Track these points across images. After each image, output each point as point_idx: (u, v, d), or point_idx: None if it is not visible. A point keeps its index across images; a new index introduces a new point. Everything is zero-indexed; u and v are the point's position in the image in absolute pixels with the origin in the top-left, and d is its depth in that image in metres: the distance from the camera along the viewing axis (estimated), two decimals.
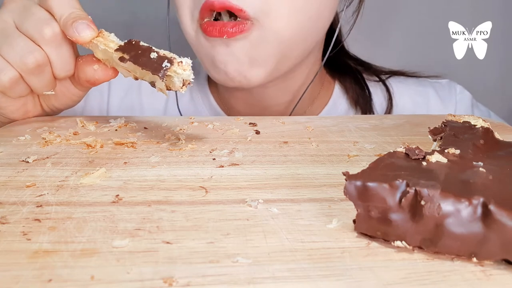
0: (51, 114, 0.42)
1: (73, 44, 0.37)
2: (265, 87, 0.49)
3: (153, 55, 0.32)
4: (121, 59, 0.33)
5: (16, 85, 0.36)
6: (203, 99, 0.57)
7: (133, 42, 0.34)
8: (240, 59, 0.43)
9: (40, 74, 0.36)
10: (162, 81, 0.31)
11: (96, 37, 0.35)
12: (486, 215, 0.19)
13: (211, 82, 0.57)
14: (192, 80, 0.32)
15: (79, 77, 0.37)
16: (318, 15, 0.45)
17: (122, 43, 0.34)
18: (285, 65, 0.46)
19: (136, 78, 0.34)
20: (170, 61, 0.31)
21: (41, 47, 0.35)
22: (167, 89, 0.32)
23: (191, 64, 0.32)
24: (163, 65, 0.31)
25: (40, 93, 0.38)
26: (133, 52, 0.33)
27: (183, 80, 0.31)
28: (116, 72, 0.37)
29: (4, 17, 0.36)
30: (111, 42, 0.35)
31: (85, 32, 0.35)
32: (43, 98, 0.40)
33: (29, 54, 0.35)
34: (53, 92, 0.38)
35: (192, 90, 0.57)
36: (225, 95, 0.55)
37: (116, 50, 0.34)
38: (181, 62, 0.31)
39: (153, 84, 0.33)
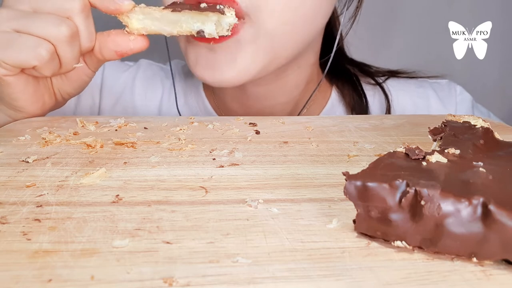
0: (61, 104, 0.43)
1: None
2: (257, 85, 0.49)
3: (203, 5, 0.38)
4: (175, 10, 0.37)
5: (53, 59, 0.36)
6: (197, 102, 0.57)
7: (178, 2, 0.39)
8: (222, 64, 0.42)
9: (73, 43, 0.37)
10: (222, 14, 0.37)
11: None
12: (486, 215, 0.19)
13: (206, 85, 0.57)
14: (237, 23, 0.38)
15: (107, 48, 0.38)
16: (312, 14, 0.44)
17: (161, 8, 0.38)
18: (273, 65, 0.45)
19: (173, 35, 0.39)
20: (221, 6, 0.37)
21: (69, 19, 0.36)
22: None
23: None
24: (217, 7, 0.37)
25: (69, 66, 0.38)
26: (184, 6, 0.38)
27: (229, 24, 0.38)
28: (148, 43, 0.39)
29: (21, 6, 0.36)
30: (150, 8, 0.38)
31: (126, 2, 0.37)
32: (57, 86, 0.41)
33: (63, 23, 0.35)
34: (82, 64, 0.40)
35: (186, 93, 0.57)
36: (220, 96, 0.54)
37: (164, 9, 0.38)
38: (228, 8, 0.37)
39: (199, 34, 0.37)
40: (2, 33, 0.35)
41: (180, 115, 0.54)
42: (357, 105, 0.55)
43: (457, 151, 0.24)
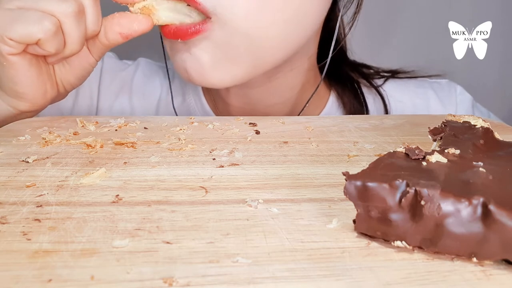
0: (62, 96, 0.43)
1: None
2: (248, 87, 0.48)
3: None
4: None
5: (57, 33, 0.36)
6: (195, 101, 0.56)
7: None
8: (200, 59, 0.41)
9: (79, 21, 0.36)
10: None
11: None
12: (486, 215, 0.19)
13: None
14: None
15: (112, 30, 0.38)
16: (297, 18, 0.42)
17: None
18: (260, 68, 0.44)
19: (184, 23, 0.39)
20: None
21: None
22: None
23: None
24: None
25: (74, 47, 0.38)
26: None
27: None
28: (152, 24, 0.39)
29: None
30: None
31: None
32: (59, 75, 0.41)
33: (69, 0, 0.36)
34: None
35: (185, 92, 0.57)
36: (217, 96, 0.54)
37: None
38: None
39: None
40: (6, 10, 0.35)
41: (176, 114, 0.54)
42: (357, 113, 0.55)
43: (457, 151, 0.24)
